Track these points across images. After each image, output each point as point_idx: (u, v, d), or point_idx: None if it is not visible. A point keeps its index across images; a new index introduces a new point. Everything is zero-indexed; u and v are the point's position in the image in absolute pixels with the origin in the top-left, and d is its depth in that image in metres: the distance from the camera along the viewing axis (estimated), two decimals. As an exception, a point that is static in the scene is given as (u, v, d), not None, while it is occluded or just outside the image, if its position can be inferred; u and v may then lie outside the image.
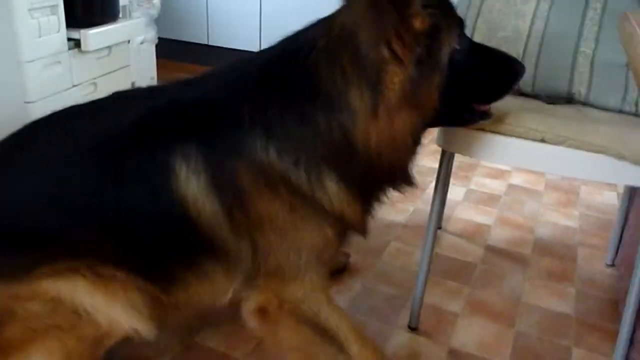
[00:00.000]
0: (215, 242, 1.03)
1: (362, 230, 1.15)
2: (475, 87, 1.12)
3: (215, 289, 1.09)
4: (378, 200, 1.14)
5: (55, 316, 1.00)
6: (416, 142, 1.08)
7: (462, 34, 1.07)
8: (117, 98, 1.13)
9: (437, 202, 1.37)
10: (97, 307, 1.00)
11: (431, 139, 2.95)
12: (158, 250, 1.05)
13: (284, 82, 1.03)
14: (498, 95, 1.16)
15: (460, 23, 1.08)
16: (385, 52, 0.96)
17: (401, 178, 1.12)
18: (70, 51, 2.25)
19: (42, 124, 1.12)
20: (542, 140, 1.18)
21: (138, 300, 1.04)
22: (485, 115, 1.17)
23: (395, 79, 0.97)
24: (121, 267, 1.03)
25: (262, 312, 1.09)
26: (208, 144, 1.01)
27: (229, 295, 1.10)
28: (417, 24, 0.97)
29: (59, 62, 2.18)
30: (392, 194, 1.16)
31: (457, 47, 1.04)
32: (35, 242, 1.00)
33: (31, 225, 1.00)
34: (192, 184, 0.99)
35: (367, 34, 0.97)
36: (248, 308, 1.09)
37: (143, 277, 1.05)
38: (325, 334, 1.11)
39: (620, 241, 1.73)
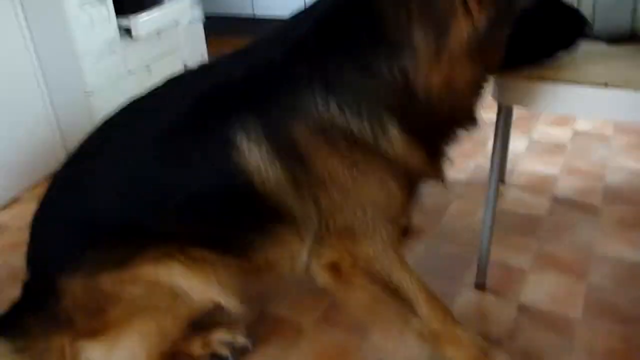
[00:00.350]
0: (283, 208, 1.05)
1: (436, 175, 1.13)
2: (540, 42, 1.08)
3: (290, 251, 1.12)
4: (446, 143, 1.12)
5: (155, 297, 1.08)
6: (480, 87, 1.07)
7: None
8: (172, 84, 1.16)
9: (496, 157, 1.33)
10: (191, 287, 1.08)
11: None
12: (232, 224, 1.10)
13: (345, 31, 0.99)
14: (561, 49, 1.13)
15: None
16: (458, 3, 0.93)
17: (465, 119, 1.10)
18: (123, 39, 2.31)
19: (110, 124, 1.17)
20: (605, 85, 1.11)
21: (226, 276, 1.11)
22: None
23: (463, 31, 0.94)
24: (206, 246, 1.09)
25: (334, 268, 1.11)
26: (265, 110, 1.01)
27: (304, 256, 1.12)
28: None
29: (113, 51, 2.25)
30: (455, 147, 1.14)
31: (529, 5, 1.00)
32: (131, 231, 1.07)
33: (125, 217, 1.07)
34: (254, 154, 1.00)
35: None
36: (320, 263, 1.11)
37: (226, 252, 1.11)
38: (396, 293, 1.12)
39: (699, 182, 1.63)
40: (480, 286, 1.43)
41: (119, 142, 1.12)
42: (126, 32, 2.32)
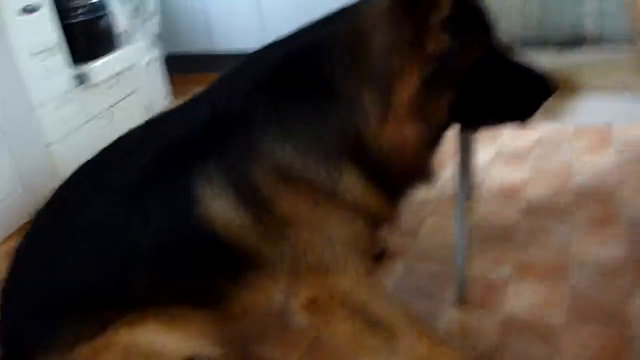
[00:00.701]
0: (252, 253, 1.03)
1: (391, 221, 1.13)
2: (496, 105, 1.07)
3: (265, 294, 1.10)
4: (403, 194, 1.12)
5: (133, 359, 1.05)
6: (431, 145, 1.07)
7: (486, 50, 1.02)
8: (131, 136, 1.14)
9: (463, 171, 1.33)
10: (168, 345, 1.05)
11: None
12: (203, 276, 1.07)
13: (299, 81, 1.01)
14: (523, 116, 1.10)
15: (487, 39, 1.03)
16: (398, 63, 0.94)
17: (419, 174, 1.10)
18: (79, 87, 2.28)
19: (71, 183, 1.14)
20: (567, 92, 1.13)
21: (203, 328, 1.08)
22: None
23: (405, 90, 0.96)
24: (180, 301, 1.06)
25: (312, 305, 1.08)
26: (226, 158, 1.00)
27: (280, 297, 1.10)
28: (431, 46, 0.94)
29: (70, 99, 2.21)
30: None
31: (478, 63, 1.00)
32: (104, 296, 1.03)
33: (95, 281, 1.03)
34: (218, 204, 0.99)
35: (382, 41, 0.95)
36: (298, 302, 1.08)
37: (200, 304, 1.08)
38: (378, 323, 1.10)
39: (663, 175, 1.66)
40: (462, 302, 1.42)
41: (82, 203, 1.09)
42: (83, 79, 2.29)
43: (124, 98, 2.60)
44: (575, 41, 1.31)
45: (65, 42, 2.21)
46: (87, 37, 2.34)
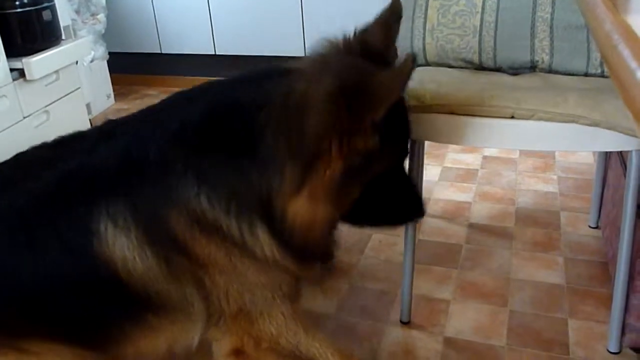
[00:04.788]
0: (156, 295, 0.99)
1: (313, 281, 1.14)
2: (378, 210, 1.11)
3: (165, 339, 1.05)
4: (312, 261, 1.10)
5: None
6: (333, 227, 1.08)
7: (402, 159, 1.10)
8: (27, 158, 1.07)
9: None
10: None
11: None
12: (89, 316, 1.00)
13: (225, 134, 0.99)
14: (391, 224, 1.22)
15: (402, 151, 1.09)
16: (326, 146, 0.94)
17: (319, 253, 1.09)
18: (15, 82, 2.15)
19: None
20: (512, 117, 1.14)
21: None
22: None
23: (327, 173, 0.96)
24: (54, 337, 0.99)
25: (238, 354, 1.04)
26: (136, 196, 0.96)
27: (192, 341, 1.06)
28: (360, 142, 0.95)
29: (4, 95, 2.08)
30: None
31: (386, 174, 1.04)
32: None
33: None
34: (120, 242, 0.95)
35: (318, 121, 0.94)
36: (222, 352, 1.05)
37: (80, 343, 1.01)
38: None
39: (601, 202, 1.71)
40: (405, 322, 1.41)
41: None
42: (20, 74, 2.16)
43: (63, 96, 2.46)
44: (528, 67, 1.34)
45: (2, 32, 2.07)
46: (25, 29, 2.21)
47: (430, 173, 2.18)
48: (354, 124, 0.93)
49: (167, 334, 1.04)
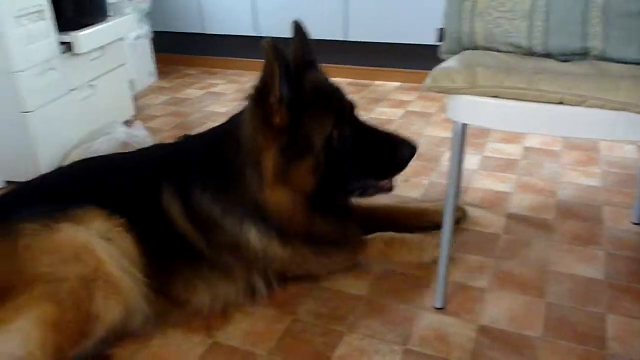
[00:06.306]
0: (198, 251, 1.38)
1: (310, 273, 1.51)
2: (360, 168, 1.36)
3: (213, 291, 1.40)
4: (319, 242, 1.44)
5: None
6: (307, 209, 1.36)
7: (339, 122, 1.31)
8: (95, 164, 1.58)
9: (453, 175, 1.30)
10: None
11: (439, 107, 2.88)
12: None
13: (219, 158, 1.40)
14: (389, 175, 1.42)
15: (337, 112, 1.32)
16: (259, 142, 1.29)
17: (302, 233, 1.40)
18: (64, 55, 2.20)
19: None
20: (561, 103, 1.11)
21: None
22: (387, 190, 1.43)
23: (268, 162, 1.30)
24: None
25: None
26: (181, 184, 1.40)
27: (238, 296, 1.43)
28: (277, 120, 1.26)
29: (53, 68, 2.13)
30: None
31: (333, 134, 1.30)
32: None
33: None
34: (172, 207, 1.38)
35: (249, 127, 1.31)
36: None
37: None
38: None
39: (646, 198, 1.66)
40: (439, 308, 1.40)
41: None
42: (68, 48, 2.21)
43: (108, 72, 2.51)
44: (579, 54, 1.30)
45: (52, 7, 2.12)
46: (75, 5, 2.26)
47: (470, 162, 2.14)
48: (266, 109, 1.25)
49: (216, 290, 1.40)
